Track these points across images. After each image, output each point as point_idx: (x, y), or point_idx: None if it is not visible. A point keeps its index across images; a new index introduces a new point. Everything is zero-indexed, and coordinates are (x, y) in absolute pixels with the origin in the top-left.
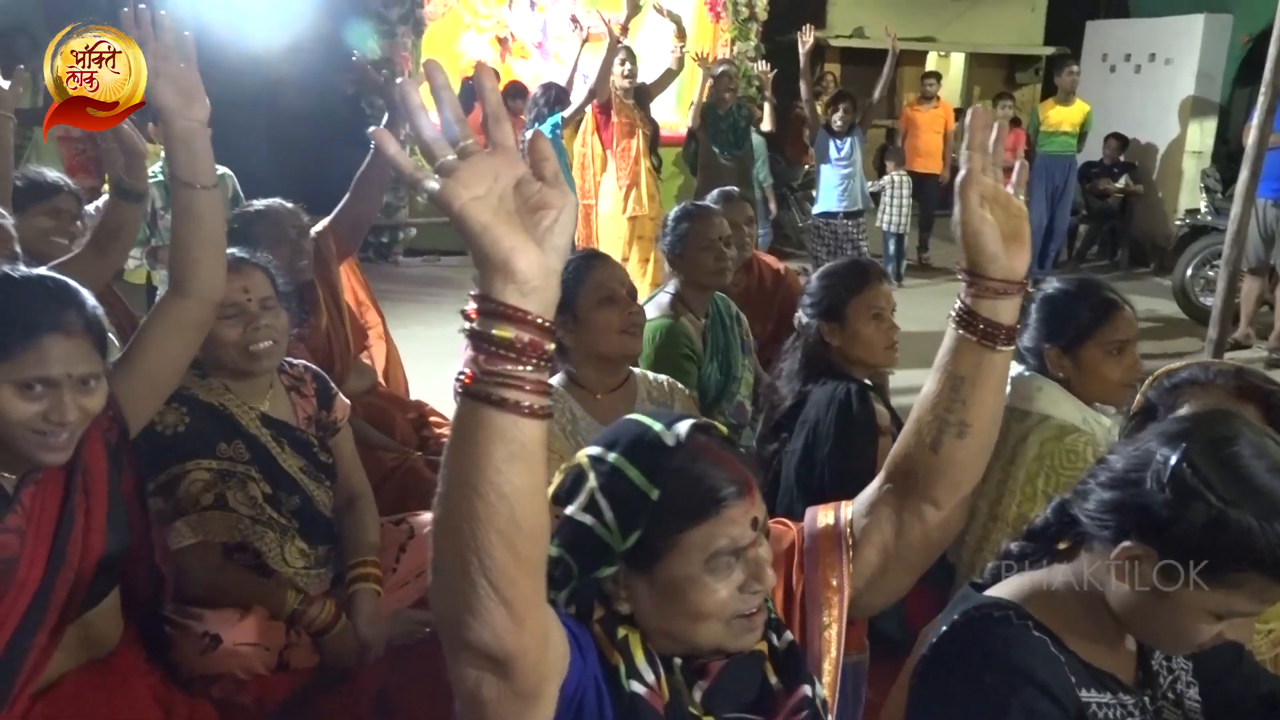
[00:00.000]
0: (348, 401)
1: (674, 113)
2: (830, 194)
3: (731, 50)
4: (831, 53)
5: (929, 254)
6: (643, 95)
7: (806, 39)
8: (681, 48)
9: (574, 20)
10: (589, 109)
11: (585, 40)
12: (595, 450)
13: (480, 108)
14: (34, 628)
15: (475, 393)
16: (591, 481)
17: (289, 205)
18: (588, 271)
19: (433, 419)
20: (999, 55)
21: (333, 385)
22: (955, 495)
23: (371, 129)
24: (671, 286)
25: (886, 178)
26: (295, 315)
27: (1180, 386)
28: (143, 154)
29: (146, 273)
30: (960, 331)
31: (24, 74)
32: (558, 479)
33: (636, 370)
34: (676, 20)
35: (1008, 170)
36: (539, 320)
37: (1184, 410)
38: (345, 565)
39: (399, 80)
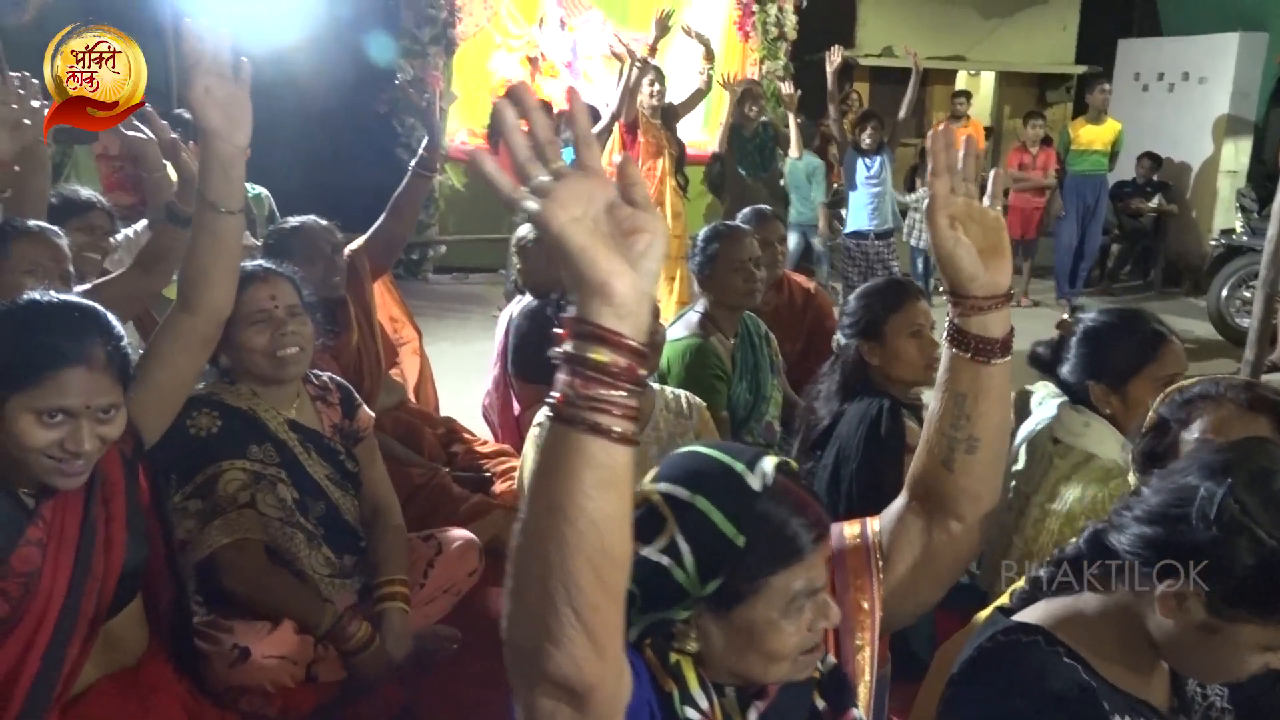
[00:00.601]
0: (371, 413)
1: (701, 132)
2: (860, 213)
3: (760, 70)
4: (860, 71)
5: None
6: (670, 115)
7: (834, 59)
8: (710, 69)
9: (613, 52)
10: (615, 128)
11: (626, 61)
12: (673, 489)
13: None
14: (66, 639)
15: (569, 417)
16: (672, 524)
17: (323, 222)
18: None
19: (461, 435)
20: (1030, 74)
21: (356, 395)
22: (977, 506)
23: (476, 150)
24: (701, 306)
25: (914, 195)
26: (322, 326)
27: (1192, 401)
28: (195, 178)
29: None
30: (954, 350)
31: None
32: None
33: (654, 385)
34: (705, 42)
35: (1042, 190)
36: (634, 344)
37: (1197, 425)
38: (373, 582)
39: (498, 99)
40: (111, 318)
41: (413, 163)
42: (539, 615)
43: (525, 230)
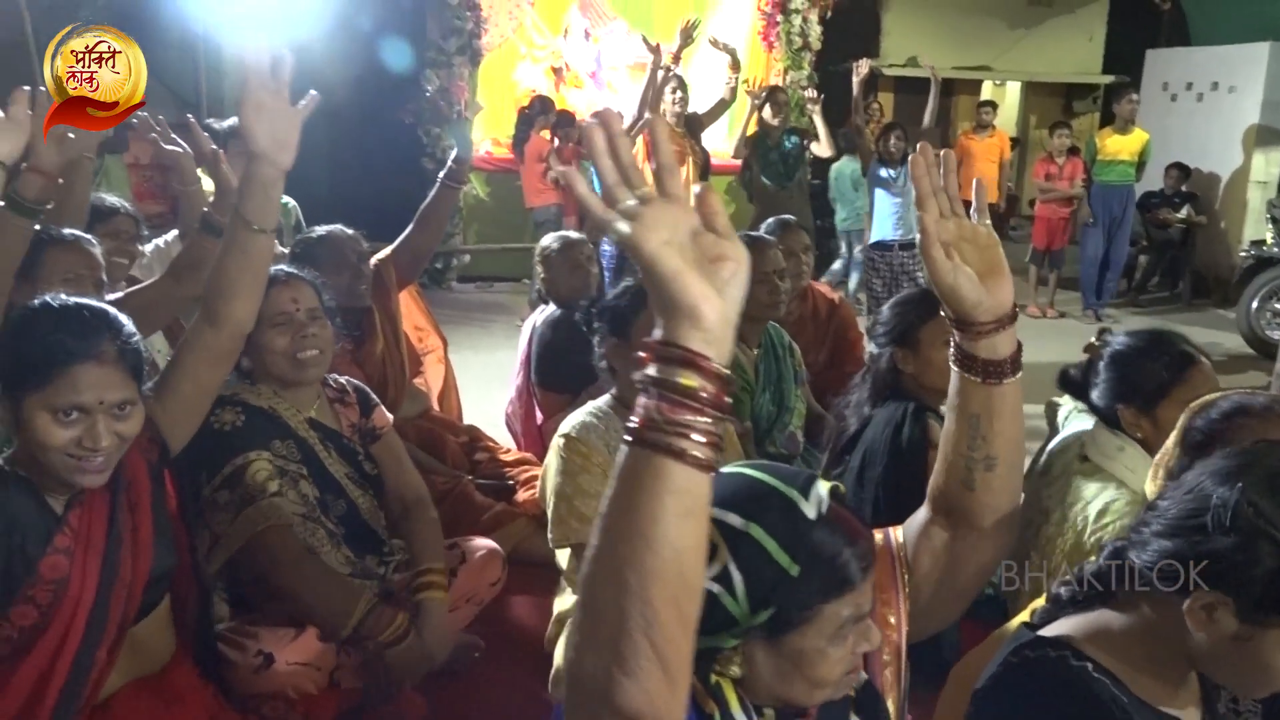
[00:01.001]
0: (389, 414)
1: (725, 141)
2: (884, 224)
3: (784, 80)
4: (885, 82)
5: None
6: (694, 124)
7: (862, 70)
8: (736, 78)
9: (645, 42)
10: (640, 137)
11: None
12: (725, 515)
13: (534, 134)
14: (95, 645)
15: (653, 441)
16: (725, 552)
17: (349, 231)
18: (646, 300)
19: (484, 443)
20: (1056, 84)
21: (373, 396)
22: (999, 518)
23: (557, 170)
24: None
25: None
26: (342, 331)
27: (1232, 416)
28: (233, 188)
29: None
30: (964, 374)
31: None
32: None
33: None
34: (731, 52)
35: (1069, 201)
36: (722, 370)
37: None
38: (411, 572)
39: (584, 122)
40: (121, 317)
41: (441, 174)
42: (613, 645)
43: (549, 240)
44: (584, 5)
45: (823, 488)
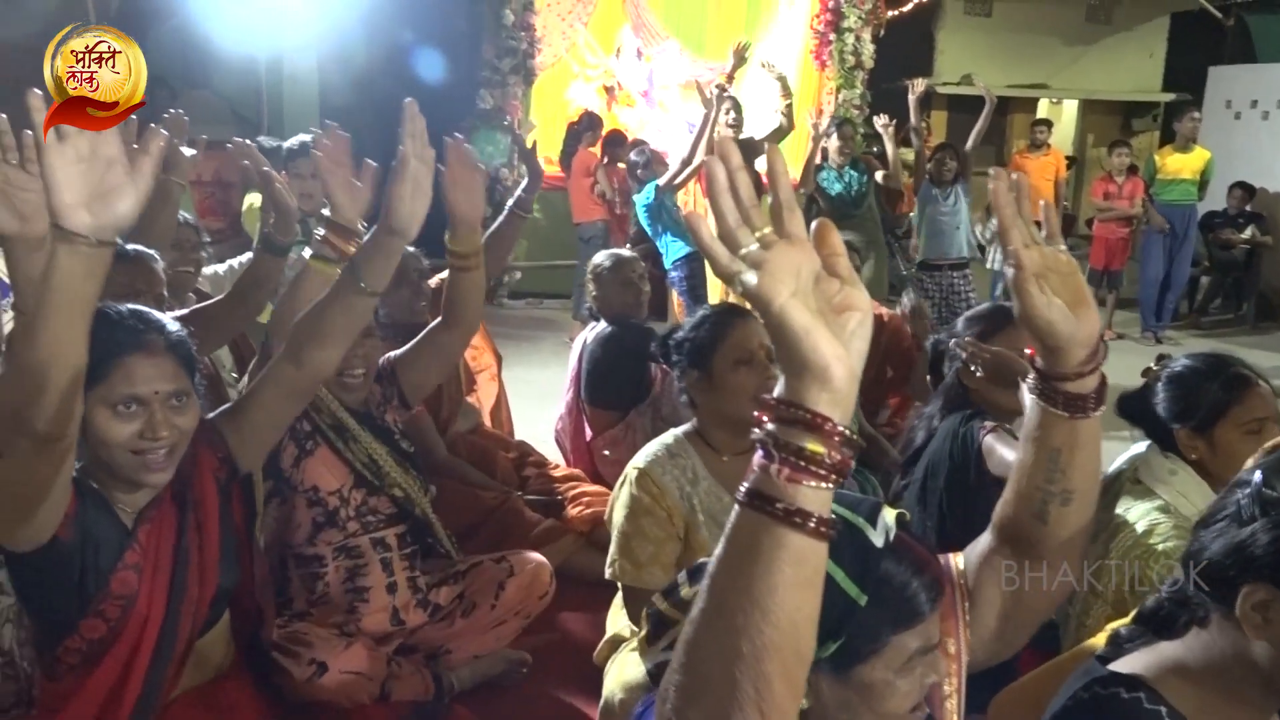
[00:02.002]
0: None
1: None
2: (934, 243)
3: (836, 99)
4: (939, 100)
5: None
6: (748, 149)
7: (917, 88)
8: (789, 104)
9: (699, 90)
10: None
11: (709, 101)
12: None
13: (582, 149)
14: (166, 660)
15: (774, 511)
16: None
17: (409, 248)
18: (727, 329)
19: (533, 459)
20: (1115, 102)
21: (386, 365)
22: (1071, 551)
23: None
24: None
25: (994, 221)
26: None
27: None
28: (293, 212)
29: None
30: (1046, 407)
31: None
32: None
33: None
34: (782, 79)
35: (1128, 220)
36: (849, 435)
37: None
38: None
39: (709, 159)
40: (165, 316)
41: (509, 202)
42: (722, 712)
43: (601, 257)
44: (636, 25)
45: (889, 516)
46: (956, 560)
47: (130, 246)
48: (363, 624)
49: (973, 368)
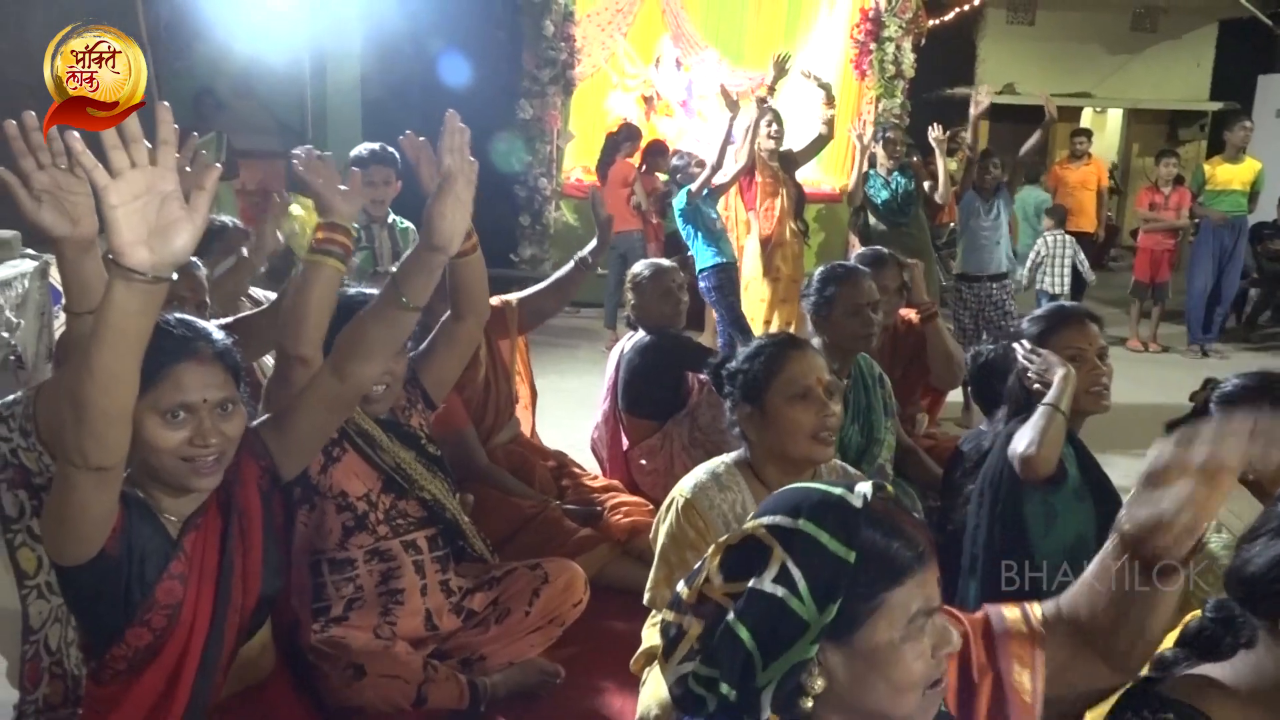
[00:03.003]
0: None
1: (815, 169)
2: (974, 256)
3: (876, 109)
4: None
5: None
6: (789, 159)
7: (982, 100)
8: (832, 114)
9: (724, 93)
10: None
11: (734, 105)
12: (772, 519)
13: (620, 159)
14: (212, 668)
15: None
16: (779, 550)
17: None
18: (783, 362)
19: (572, 469)
20: (1161, 111)
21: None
22: (1147, 651)
23: None
24: (814, 345)
25: (1041, 240)
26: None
27: None
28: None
29: None
30: (1132, 574)
31: (211, 137)
32: (714, 561)
33: (826, 466)
34: (826, 87)
35: (1174, 231)
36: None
37: None
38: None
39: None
40: (211, 326)
41: (576, 256)
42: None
43: (640, 267)
44: (676, 35)
45: (865, 484)
46: (1034, 611)
47: None
48: (398, 628)
49: (1030, 375)
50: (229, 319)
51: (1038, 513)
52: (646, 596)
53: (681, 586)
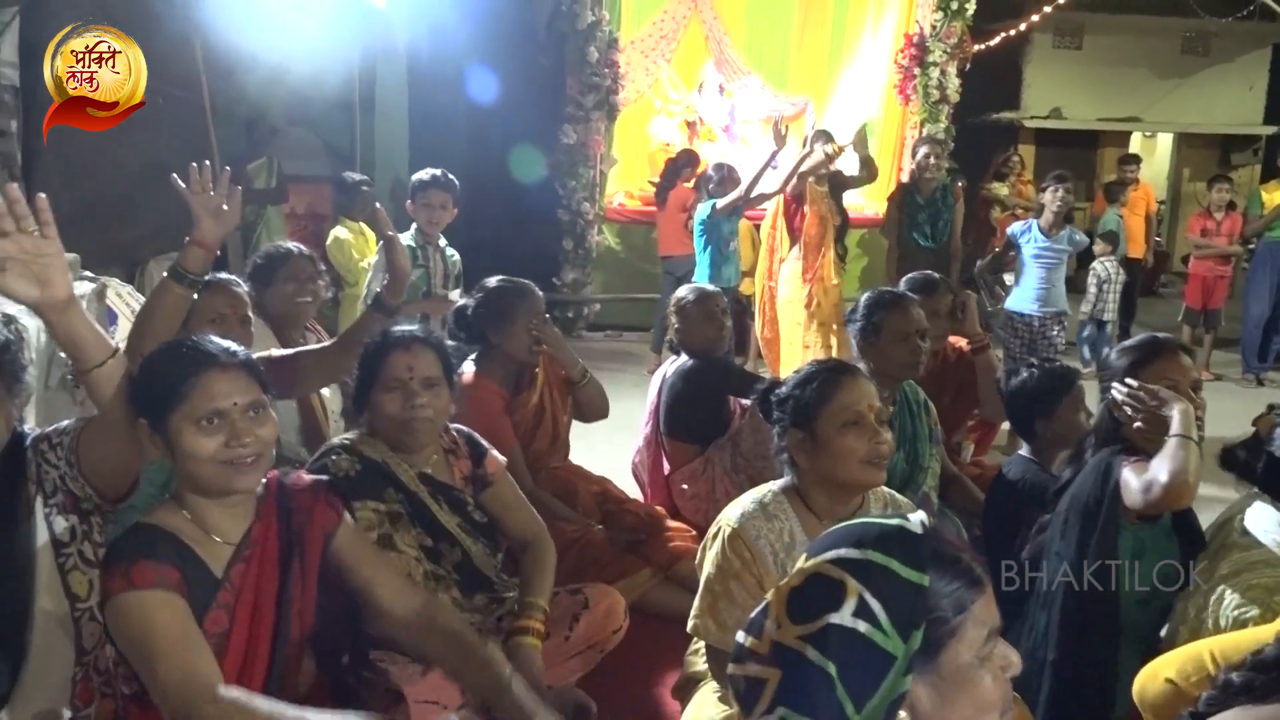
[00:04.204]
0: (501, 458)
1: (859, 194)
2: (1027, 295)
3: (920, 133)
4: (1026, 134)
5: None
6: (838, 182)
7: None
8: (869, 156)
9: (775, 129)
10: (780, 197)
11: (782, 139)
12: (836, 553)
13: (680, 185)
14: (273, 693)
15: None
16: (852, 583)
17: (538, 291)
18: (834, 389)
19: (615, 493)
20: (1212, 135)
21: (482, 444)
22: None
23: None
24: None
25: (1091, 270)
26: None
27: None
28: (406, 276)
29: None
30: None
31: (262, 163)
32: (779, 607)
33: (873, 492)
34: (868, 163)
35: (1226, 258)
36: None
37: None
38: (520, 600)
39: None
40: (229, 342)
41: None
42: None
43: (685, 291)
44: (719, 61)
45: (917, 513)
46: None
47: (220, 275)
48: None
49: (1127, 410)
50: (286, 352)
51: (1128, 547)
52: (690, 624)
53: (744, 637)
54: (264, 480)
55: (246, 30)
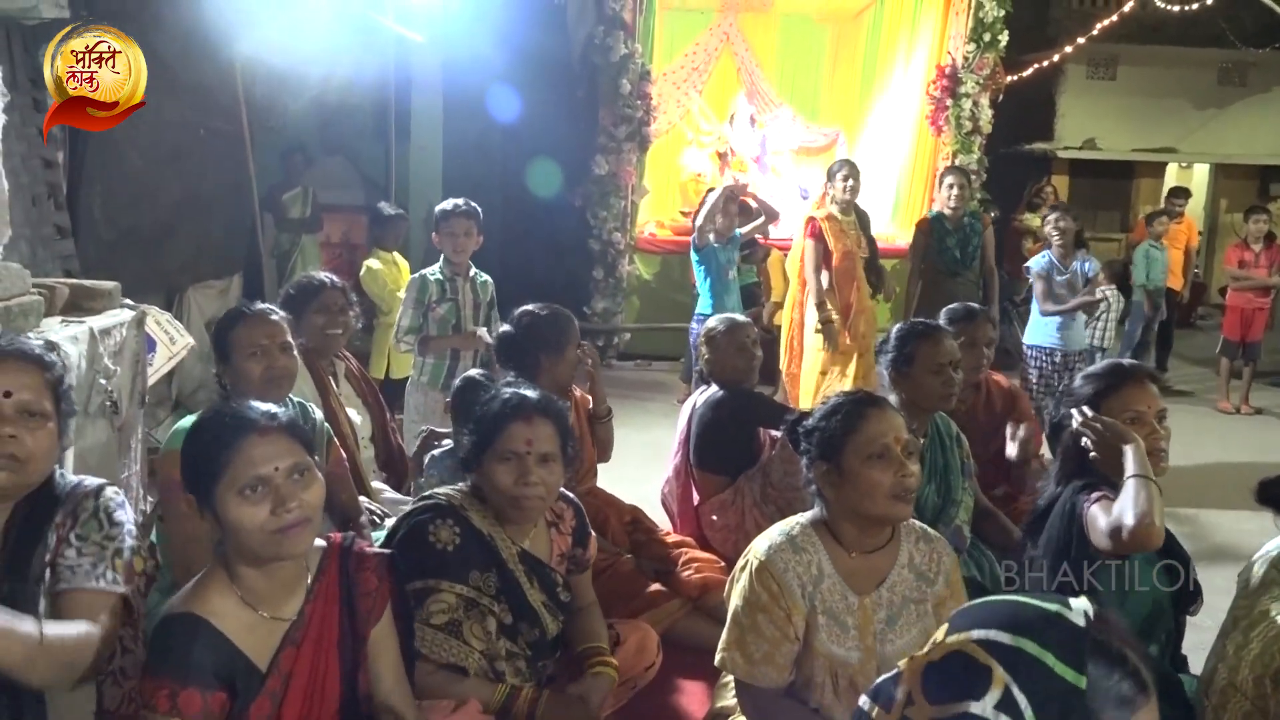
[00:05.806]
0: (596, 546)
1: (889, 224)
2: (1045, 330)
3: (953, 163)
4: (1060, 164)
5: (1168, 374)
6: (864, 214)
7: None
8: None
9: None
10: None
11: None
12: (984, 634)
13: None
14: None
15: None
16: (1001, 673)
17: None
18: (860, 420)
19: (645, 523)
20: (1250, 166)
21: (589, 525)
22: None
23: None
24: (891, 401)
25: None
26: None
27: None
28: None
29: (385, 365)
30: None
31: (298, 192)
32: (914, 679)
33: (904, 524)
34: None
35: (1266, 290)
36: None
37: None
38: (579, 651)
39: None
40: (270, 405)
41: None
42: None
43: (715, 321)
44: (750, 92)
45: (1082, 599)
46: None
47: (258, 305)
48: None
49: (1082, 440)
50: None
51: (1107, 581)
52: (718, 658)
53: (868, 704)
54: (323, 543)
55: (285, 62)
